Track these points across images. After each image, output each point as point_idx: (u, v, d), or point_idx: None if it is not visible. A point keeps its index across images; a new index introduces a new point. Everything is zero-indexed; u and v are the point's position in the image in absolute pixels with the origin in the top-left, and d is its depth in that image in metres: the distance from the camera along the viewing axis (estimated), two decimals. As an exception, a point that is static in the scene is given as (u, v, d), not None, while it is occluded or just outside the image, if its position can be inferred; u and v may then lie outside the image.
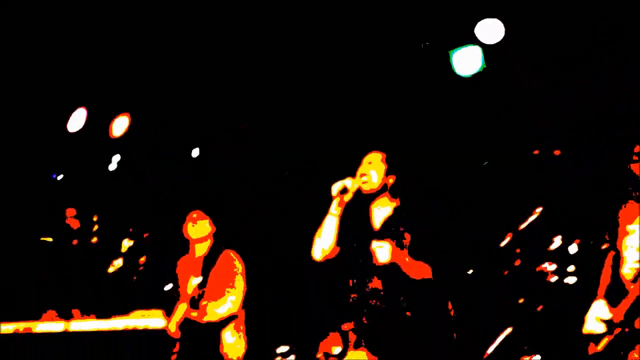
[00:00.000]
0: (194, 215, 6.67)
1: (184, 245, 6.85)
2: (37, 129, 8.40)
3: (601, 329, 4.98)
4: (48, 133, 8.45)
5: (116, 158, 9.12)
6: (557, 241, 7.37)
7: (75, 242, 7.41)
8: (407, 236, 4.96)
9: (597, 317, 5.02)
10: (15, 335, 6.21)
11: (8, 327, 6.22)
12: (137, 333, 6.49)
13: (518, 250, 7.42)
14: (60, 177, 8.77)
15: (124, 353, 6.42)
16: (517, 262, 7.40)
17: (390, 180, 5.06)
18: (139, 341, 6.48)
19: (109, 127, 8.73)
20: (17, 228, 8.00)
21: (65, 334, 6.13)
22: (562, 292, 7.31)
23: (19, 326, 6.24)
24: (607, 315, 4.97)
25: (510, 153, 7.91)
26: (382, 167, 5.07)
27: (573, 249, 7.31)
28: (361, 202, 5.10)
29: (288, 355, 7.47)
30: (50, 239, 7.32)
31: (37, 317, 6.57)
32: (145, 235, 8.50)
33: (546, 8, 7.52)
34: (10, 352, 6.16)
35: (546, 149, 7.49)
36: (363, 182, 5.01)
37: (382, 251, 4.78)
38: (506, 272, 7.60)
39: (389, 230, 4.99)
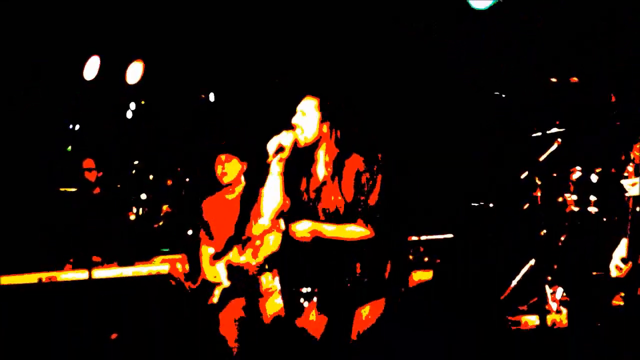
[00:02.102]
0: (223, 158, 6.56)
1: (205, 190, 6.82)
2: (53, 78, 8.37)
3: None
4: (63, 82, 8.42)
5: (132, 106, 9.11)
6: (578, 171, 7.32)
7: (96, 191, 7.42)
8: (340, 199, 4.68)
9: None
10: (39, 285, 6.26)
11: (32, 277, 6.26)
12: (160, 279, 6.53)
13: (538, 182, 7.38)
14: (77, 127, 8.78)
15: (147, 299, 6.46)
16: (537, 194, 7.36)
17: (325, 129, 4.69)
18: (162, 287, 6.53)
19: (124, 74, 8.69)
20: (36, 179, 8.03)
21: (89, 282, 6.15)
22: (584, 223, 7.27)
23: (43, 276, 6.28)
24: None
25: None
26: (317, 115, 4.69)
27: (594, 178, 7.26)
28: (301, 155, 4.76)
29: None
30: (69, 189, 7.34)
31: (60, 266, 6.61)
32: (168, 182, 8.54)
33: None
34: (34, 302, 6.22)
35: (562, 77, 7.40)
36: (298, 134, 4.67)
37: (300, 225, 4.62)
38: (526, 205, 7.58)
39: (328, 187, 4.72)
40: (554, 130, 7.42)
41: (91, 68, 8.44)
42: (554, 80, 7.33)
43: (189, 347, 6.60)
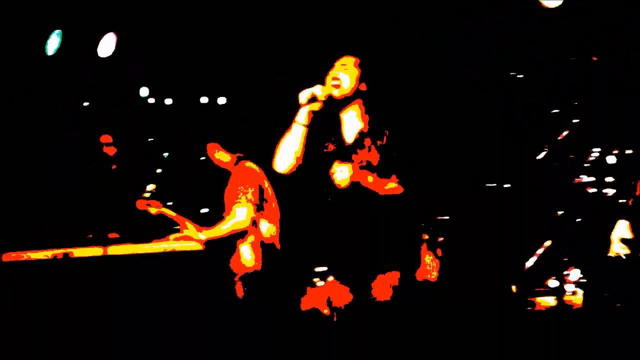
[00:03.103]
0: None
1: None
2: (67, 55, 8.36)
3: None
4: (77, 59, 8.41)
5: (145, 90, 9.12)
6: (595, 152, 7.29)
7: (113, 167, 7.44)
8: (376, 153, 4.69)
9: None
10: (54, 261, 6.26)
11: (47, 253, 6.27)
12: (176, 256, 6.53)
13: (556, 163, 7.36)
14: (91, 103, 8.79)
15: (164, 276, 6.47)
16: (554, 175, 7.34)
17: (363, 87, 4.72)
18: (177, 264, 6.53)
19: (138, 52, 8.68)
20: (52, 156, 8.03)
21: (103, 258, 6.16)
22: (601, 204, 7.25)
23: (58, 252, 6.29)
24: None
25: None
26: (356, 72, 4.70)
27: (611, 159, 7.23)
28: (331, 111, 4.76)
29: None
30: (86, 166, 7.35)
31: (75, 243, 6.61)
32: (179, 158, 8.53)
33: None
34: (50, 278, 6.23)
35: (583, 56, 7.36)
36: (334, 86, 4.65)
37: (341, 174, 4.56)
38: (544, 185, 7.56)
39: (359, 145, 4.73)
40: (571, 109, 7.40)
41: (107, 45, 8.42)
42: (573, 59, 7.29)
43: (203, 324, 6.61)
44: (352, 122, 4.78)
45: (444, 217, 7.87)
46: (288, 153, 4.72)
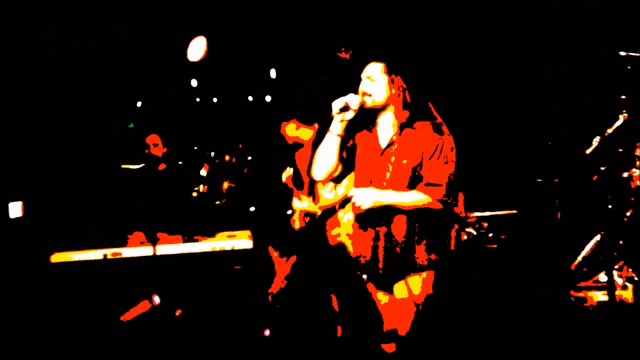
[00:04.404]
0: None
1: (270, 164, 6.84)
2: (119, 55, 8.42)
3: None
4: (130, 59, 8.47)
5: (194, 82, 9.14)
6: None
7: (161, 166, 7.49)
8: (408, 161, 4.65)
9: None
10: (104, 261, 6.34)
11: (97, 254, 6.35)
12: (224, 255, 6.57)
13: (605, 157, 7.28)
14: (139, 104, 8.84)
15: (211, 275, 6.51)
16: (604, 168, 7.28)
17: (394, 91, 4.66)
18: (225, 263, 6.57)
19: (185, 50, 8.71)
20: (100, 157, 8.11)
21: (152, 258, 6.21)
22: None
23: (108, 252, 6.37)
24: None
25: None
26: (385, 78, 4.67)
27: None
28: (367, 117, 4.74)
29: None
30: (133, 166, 7.41)
31: (124, 243, 6.68)
32: (227, 157, 8.56)
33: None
34: (100, 278, 6.30)
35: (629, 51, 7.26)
36: (365, 98, 4.65)
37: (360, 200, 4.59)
38: (595, 178, 7.49)
39: (391, 153, 4.69)
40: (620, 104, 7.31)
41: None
42: (622, 53, 7.19)
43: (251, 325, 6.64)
44: (387, 126, 4.75)
45: (494, 212, 7.86)
46: (324, 163, 4.75)
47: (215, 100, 9.46)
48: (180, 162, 7.84)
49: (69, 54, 7.87)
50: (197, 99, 9.28)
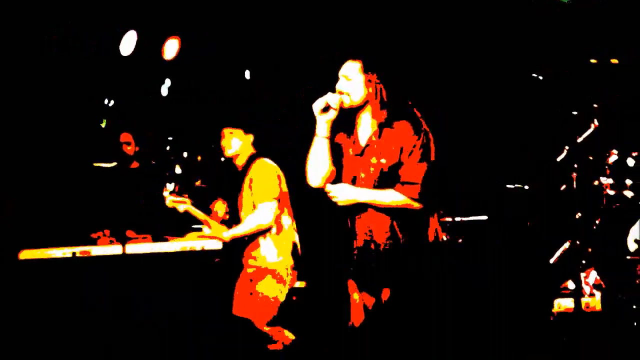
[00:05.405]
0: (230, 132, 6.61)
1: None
2: (89, 53, 8.37)
3: None
4: (99, 57, 8.42)
5: (168, 82, 9.11)
6: (614, 155, 7.26)
7: (133, 165, 7.47)
8: (383, 163, 4.61)
9: None
10: (72, 259, 6.30)
11: (66, 252, 6.31)
12: (194, 254, 6.54)
13: (575, 165, 7.32)
14: (112, 102, 8.80)
15: (181, 275, 6.48)
16: (574, 176, 7.31)
17: (371, 90, 4.63)
18: (195, 263, 6.54)
19: (160, 50, 8.68)
20: (71, 154, 8.06)
21: (121, 257, 6.17)
22: (620, 206, 7.22)
23: (77, 250, 6.33)
24: None
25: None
26: (362, 78, 4.63)
27: (630, 162, 7.19)
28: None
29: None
30: (104, 165, 7.37)
31: (93, 241, 6.65)
32: (198, 157, 8.54)
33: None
34: (67, 276, 6.27)
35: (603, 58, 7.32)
36: (342, 98, 4.61)
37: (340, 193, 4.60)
38: (564, 186, 7.53)
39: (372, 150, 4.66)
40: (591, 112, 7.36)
41: (128, 43, 8.42)
42: (593, 61, 7.25)
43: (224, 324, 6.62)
44: (365, 126, 4.73)
45: (462, 218, 7.88)
46: (318, 168, 4.72)
47: (188, 99, 9.43)
48: (153, 162, 7.81)
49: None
50: (170, 98, 9.24)
